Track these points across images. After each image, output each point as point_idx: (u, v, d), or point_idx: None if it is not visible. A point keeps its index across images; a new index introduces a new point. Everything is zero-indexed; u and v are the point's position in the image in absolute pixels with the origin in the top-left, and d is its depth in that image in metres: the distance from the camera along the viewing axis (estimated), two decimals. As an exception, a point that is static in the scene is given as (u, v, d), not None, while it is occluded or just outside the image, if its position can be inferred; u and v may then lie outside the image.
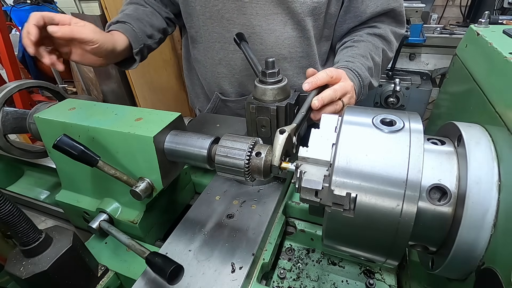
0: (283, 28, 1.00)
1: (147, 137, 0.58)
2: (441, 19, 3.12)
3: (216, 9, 1.01)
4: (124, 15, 1.03)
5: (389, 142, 0.42)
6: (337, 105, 0.75)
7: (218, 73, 1.14)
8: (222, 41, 1.07)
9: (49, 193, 1.13)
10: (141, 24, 1.04)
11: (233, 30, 1.02)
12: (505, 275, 0.34)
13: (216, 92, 1.19)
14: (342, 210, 0.42)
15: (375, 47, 0.98)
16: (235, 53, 1.07)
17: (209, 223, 0.68)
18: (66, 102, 0.73)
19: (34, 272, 0.50)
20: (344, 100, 0.77)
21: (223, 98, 1.18)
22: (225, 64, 1.11)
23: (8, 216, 0.46)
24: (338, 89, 0.74)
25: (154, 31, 1.09)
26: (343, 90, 0.76)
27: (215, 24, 1.04)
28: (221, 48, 1.08)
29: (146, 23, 1.07)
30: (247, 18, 0.99)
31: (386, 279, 0.72)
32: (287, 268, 0.75)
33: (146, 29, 1.06)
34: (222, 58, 1.10)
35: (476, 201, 0.39)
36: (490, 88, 0.50)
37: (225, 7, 0.99)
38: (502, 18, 1.41)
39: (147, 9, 1.11)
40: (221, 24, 1.03)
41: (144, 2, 1.13)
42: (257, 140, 0.57)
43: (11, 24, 3.94)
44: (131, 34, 0.99)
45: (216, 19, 1.03)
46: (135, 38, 1.00)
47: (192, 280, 0.56)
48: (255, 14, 0.98)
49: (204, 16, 1.04)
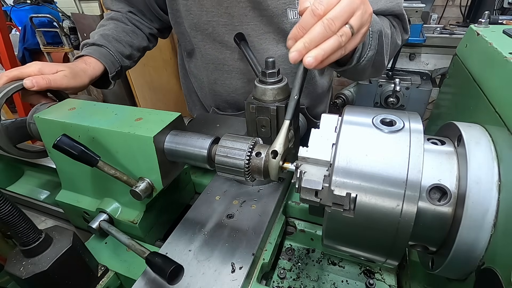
0: (276, 47, 1.00)
1: (147, 137, 0.58)
2: (441, 19, 3.12)
3: (207, 32, 1.00)
4: (101, 36, 0.99)
5: (389, 142, 0.42)
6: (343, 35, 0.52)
7: (214, 91, 1.14)
8: (215, 62, 1.06)
9: (49, 193, 1.13)
10: (120, 45, 1.02)
11: (225, 52, 1.02)
12: (505, 275, 0.34)
13: (213, 107, 1.19)
14: (342, 210, 0.42)
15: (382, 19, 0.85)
16: (230, 73, 1.06)
17: (209, 223, 0.68)
18: (66, 102, 0.73)
19: (34, 272, 0.50)
20: (352, 23, 0.53)
21: (220, 113, 1.18)
22: (221, 84, 1.10)
23: (8, 216, 0.46)
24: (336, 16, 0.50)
25: (133, 50, 1.07)
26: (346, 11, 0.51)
27: (207, 47, 1.04)
28: (216, 69, 1.08)
29: (125, 43, 1.04)
30: None
31: (386, 279, 0.72)
32: (287, 268, 0.75)
33: (125, 50, 1.04)
34: (217, 78, 1.09)
35: (476, 201, 0.39)
36: (490, 88, 0.50)
37: (215, 31, 0.99)
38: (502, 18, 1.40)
39: (128, 27, 1.08)
40: (214, 46, 1.03)
41: (126, 19, 1.09)
42: (257, 140, 0.58)
43: (11, 24, 3.94)
44: (107, 59, 0.96)
45: (208, 41, 1.02)
46: (112, 63, 0.97)
47: (192, 280, 0.56)
48: (247, 35, 0.97)
49: (196, 38, 1.04)
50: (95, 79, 0.93)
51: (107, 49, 0.98)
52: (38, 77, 0.75)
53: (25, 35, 3.75)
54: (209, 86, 1.14)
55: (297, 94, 0.55)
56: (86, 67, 0.90)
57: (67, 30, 3.58)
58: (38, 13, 3.62)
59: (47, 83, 0.76)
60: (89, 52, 0.94)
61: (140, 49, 1.12)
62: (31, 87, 0.73)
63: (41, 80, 0.75)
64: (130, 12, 1.11)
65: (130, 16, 1.10)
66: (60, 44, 3.67)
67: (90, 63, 0.92)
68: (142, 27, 1.13)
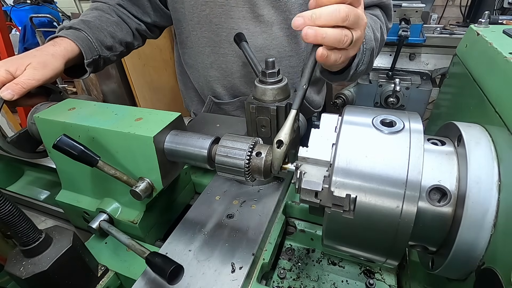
0: (270, 29, 1.00)
1: (147, 137, 0.58)
2: (441, 19, 3.13)
3: (204, 14, 1.00)
4: (81, 21, 0.93)
5: (389, 143, 0.42)
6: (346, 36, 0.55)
7: (210, 76, 1.14)
8: (212, 45, 1.07)
9: (49, 193, 1.13)
10: (101, 34, 0.95)
11: (222, 34, 1.03)
12: (505, 275, 0.34)
13: (209, 95, 1.19)
14: (342, 211, 0.42)
15: (374, 22, 0.93)
16: (226, 56, 1.07)
17: (209, 223, 0.68)
18: (66, 102, 0.73)
19: (34, 272, 0.50)
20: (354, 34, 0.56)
21: (217, 101, 1.19)
22: (217, 67, 1.11)
23: (8, 216, 0.46)
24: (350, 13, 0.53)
25: (115, 43, 1.01)
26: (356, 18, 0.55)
27: (203, 29, 1.04)
28: (212, 52, 1.08)
29: (107, 33, 0.98)
30: (234, 22, 0.99)
31: (386, 279, 0.72)
32: (287, 268, 0.75)
33: (106, 39, 0.97)
34: (213, 61, 1.10)
35: (476, 201, 0.39)
36: (490, 88, 0.50)
37: (212, 12, 0.99)
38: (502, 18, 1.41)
39: (113, 19, 1.02)
40: (210, 28, 1.03)
41: (113, 11, 1.04)
42: (258, 140, 0.58)
43: (11, 24, 3.94)
44: (84, 43, 0.89)
45: (204, 23, 1.03)
46: (89, 48, 0.90)
47: (192, 280, 0.56)
48: (242, 17, 0.98)
49: (193, 21, 1.04)
50: (70, 62, 0.85)
51: (85, 33, 0.90)
52: (11, 85, 0.70)
53: (25, 35, 3.75)
54: (204, 72, 1.14)
55: (306, 84, 0.54)
56: (55, 49, 0.82)
57: (67, 30, 3.57)
58: (38, 13, 3.62)
59: (24, 88, 0.71)
60: (64, 33, 0.86)
61: (123, 43, 1.05)
62: (12, 98, 0.70)
63: (17, 87, 0.71)
64: (119, 4, 1.06)
65: (118, 9, 1.05)
66: (60, 44, 3.67)
67: (60, 44, 0.84)
68: (129, 21, 1.08)
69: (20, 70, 0.74)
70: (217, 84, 1.15)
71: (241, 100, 1.16)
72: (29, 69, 0.74)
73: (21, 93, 0.71)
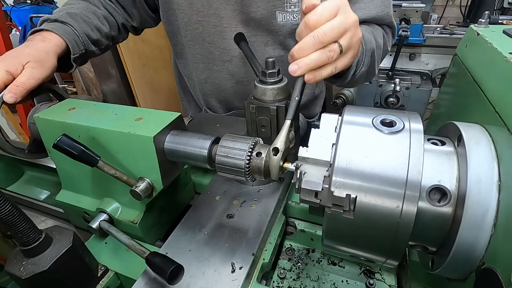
0: (264, 49, 1.00)
1: (147, 137, 0.58)
2: (441, 19, 3.13)
3: (197, 32, 1.00)
4: (67, 14, 0.88)
5: (389, 143, 0.42)
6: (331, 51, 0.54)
7: (204, 90, 1.14)
8: (205, 62, 1.06)
9: (49, 193, 1.13)
10: (87, 27, 0.91)
11: (215, 53, 1.02)
12: (505, 275, 0.34)
13: (204, 107, 1.20)
14: (342, 211, 0.42)
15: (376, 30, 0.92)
16: (220, 73, 1.06)
17: (209, 223, 0.68)
18: (66, 102, 0.73)
19: (34, 272, 0.50)
20: (341, 42, 0.55)
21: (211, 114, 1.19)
22: (211, 83, 1.11)
23: (8, 216, 0.46)
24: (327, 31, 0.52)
25: (101, 37, 0.97)
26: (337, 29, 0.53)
27: (197, 46, 1.04)
28: (205, 68, 1.08)
29: (94, 27, 0.94)
30: (227, 42, 0.98)
31: (386, 279, 0.72)
32: (287, 268, 0.75)
33: (92, 33, 0.93)
34: (207, 77, 1.10)
35: (476, 201, 0.39)
36: (490, 88, 0.50)
37: (205, 30, 0.99)
38: (502, 18, 1.41)
39: (99, 11, 0.98)
40: (203, 46, 1.02)
41: (100, 3, 1.00)
42: (258, 140, 0.58)
43: (11, 24, 3.94)
44: (71, 37, 0.85)
45: (198, 41, 1.02)
46: (75, 43, 0.86)
47: (192, 280, 0.56)
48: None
49: (186, 37, 1.03)
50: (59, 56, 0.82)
51: (72, 28, 0.86)
52: (12, 87, 0.70)
53: (25, 35, 3.74)
54: (199, 85, 1.14)
55: (298, 95, 0.56)
56: (46, 45, 0.79)
57: (67, 30, 3.57)
58: (38, 13, 3.61)
59: (25, 89, 0.71)
60: (50, 27, 0.82)
61: (108, 37, 1.01)
62: (15, 100, 0.70)
63: (18, 89, 0.70)
64: None
65: (105, 2, 1.02)
66: (60, 44, 3.67)
67: (51, 40, 0.81)
68: (116, 15, 1.04)
69: (19, 69, 0.73)
70: (211, 97, 1.15)
71: (235, 113, 1.16)
72: (28, 68, 0.73)
73: (23, 95, 0.71)
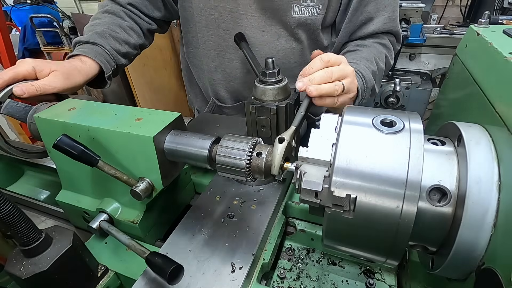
0: (277, 40, 1.01)
1: (147, 137, 0.58)
2: (441, 19, 3.12)
3: (212, 18, 1.01)
4: (96, 34, 0.94)
5: (389, 143, 0.42)
6: (337, 86, 0.70)
7: (214, 79, 1.14)
8: (218, 49, 1.07)
9: (49, 193, 1.13)
10: (116, 42, 0.97)
11: (228, 40, 1.03)
12: (505, 275, 0.34)
13: (212, 97, 1.20)
14: (342, 211, 0.42)
15: (379, 53, 0.97)
16: (231, 61, 1.07)
17: (209, 223, 0.68)
18: (66, 102, 0.73)
19: (34, 272, 0.50)
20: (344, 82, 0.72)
21: (219, 104, 1.19)
22: (221, 71, 1.11)
23: (8, 216, 0.46)
24: (334, 71, 0.69)
25: (130, 48, 1.02)
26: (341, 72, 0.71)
27: (210, 33, 1.04)
28: (217, 56, 1.08)
29: (122, 41, 0.99)
30: (242, 29, 0.99)
31: (386, 279, 0.72)
32: (287, 268, 0.75)
33: (121, 47, 0.98)
34: (218, 65, 1.10)
35: (476, 201, 0.39)
36: (490, 88, 0.50)
37: (221, 16, 1.00)
38: (502, 18, 1.41)
39: (125, 23, 1.02)
40: (217, 33, 1.03)
41: (124, 13, 1.03)
42: (258, 140, 0.58)
43: (11, 24, 3.94)
44: (103, 58, 0.91)
45: (212, 27, 1.03)
46: (107, 62, 0.93)
47: (192, 280, 0.56)
48: (250, 26, 0.99)
49: (200, 23, 1.04)
50: (90, 79, 0.89)
51: (102, 48, 0.93)
52: (28, 85, 0.72)
53: (25, 35, 3.74)
54: (209, 74, 1.14)
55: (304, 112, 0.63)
56: (82, 65, 0.86)
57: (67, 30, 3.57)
58: (38, 13, 3.61)
59: (37, 91, 0.73)
60: (83, 51, 0.89)
61: (137, 47, 1.07)
62: (21, 94, 0.71)
63: (31, 88, 0.72)
64: (130, 4, 1.04)
65: (129, 10, 1.04)
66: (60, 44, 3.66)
67: (86, 62, 0.87)
68: (141, 22, 1.07)
69: (45, 72, 0.77)
70: (220, 87, 1.15)
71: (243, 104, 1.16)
72: (52, 75, 0.77)
73: (33, 95, 0.73)
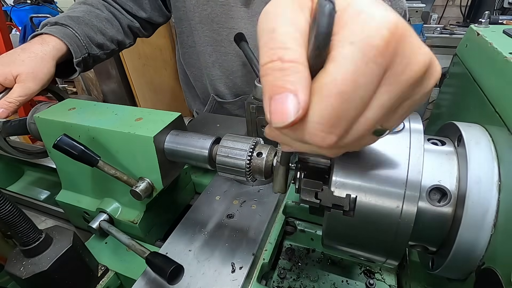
0: None
1: (147, 137, 0.58)
2: (441, 19, 3.13)
3: (205, 13, 1.01)
4: (67, 17, 0.84)
5: (389, 143, 0.42)
6: None
7: (212, 75, 1.14)
8: (213, 44, 1.07)
9: (49, 193, 1.13)
10: (89, 29, 0.87)
11: (222, 33, 1.04)
12: (505, 275, 0.34)
13: (212, 94, 1.20)
14: (342, 211, 0.42)
15: None
16: (227, 55, 1.08)
17: (209, 223, 0.68)
18: (66, 102, 0.73)
19: (34, 272, 0.50)
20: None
21: (220, 100, 1.19)
22: (219, 66, 1.11)
23: (8, 216, 0.46)
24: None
25: (106, 40, 0.93)
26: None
27: (205, 28, 1.05)
28: (213, 51, 1.09)
29: (97, 30, 0.90)
30: (234, 21, 1.00)
31: (386, 279, 0.72)
32: (287, 268, 0.75)
33: (96, 36, 0.89)
34: (215, 60, 1.10)
35: (476, 201, 0.39)
36: (490, 88, 0.50)
37: (213, 11, 1.00)
38: (502, 18, 1.40)
39: (103, 14, 0.94)
40: (211, 27, 1.04)
41: (103, 5, 0.97)
42: (258, 140, 0.58)
43: (11, 24, 3.93)
44: (73, 40, 0.81)
45: (206, 23, 1.03)
46: (77, 46, 0.82)
47: (192, 280, 0.56)
48: (241, 17, 0.99)
49: (194, 20, 1.04)
50: (59, 61, 0.78)
51: (72, 30, 0.82)
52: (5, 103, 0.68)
53: (25, 35, 3.74)
54: (207, 71, 1.14)
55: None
56: (43, 48, 0.74)
57: (67, 30, 3.57)
58: (38, 13, 3.61)
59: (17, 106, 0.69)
60: (50, 30, 0.78)
61: (114, 41, 0.98)
62: (6, 115, 0.69)
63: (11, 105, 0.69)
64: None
65: (109, 3, 0.99)
66: (60, 44, 3.67)
67: (49, 42, 0.76)
68: (121, 17, 1.00)
69: (9, 80, 0.69)
70: (219, 83, 1.15)
71: (242, 99, 1.17)
72: (20, 83, 0.70)
73: (15, 111, 0.70)
